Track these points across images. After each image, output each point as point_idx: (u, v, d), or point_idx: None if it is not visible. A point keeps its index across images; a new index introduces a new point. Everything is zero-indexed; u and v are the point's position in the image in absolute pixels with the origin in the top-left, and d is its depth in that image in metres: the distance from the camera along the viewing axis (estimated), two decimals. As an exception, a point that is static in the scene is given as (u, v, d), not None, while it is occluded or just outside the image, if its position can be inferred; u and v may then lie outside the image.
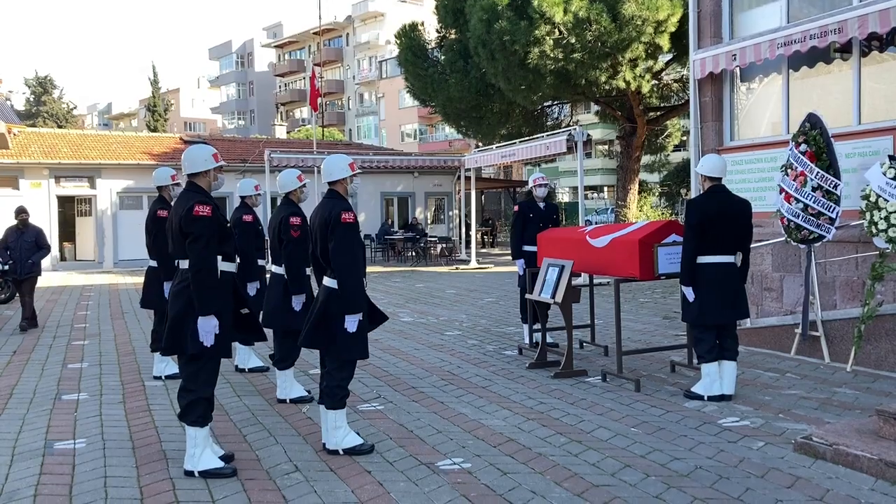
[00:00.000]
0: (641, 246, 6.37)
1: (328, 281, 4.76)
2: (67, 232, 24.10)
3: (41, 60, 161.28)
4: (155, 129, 56.44)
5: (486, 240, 31.24)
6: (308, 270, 5.99)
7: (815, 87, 8.23)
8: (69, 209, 24.17)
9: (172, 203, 6.51)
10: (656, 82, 22.14)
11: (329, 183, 4.89)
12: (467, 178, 22.72)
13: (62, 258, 23.48)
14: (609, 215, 26.76)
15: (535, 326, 7.83)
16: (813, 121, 7.06)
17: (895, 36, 7.19)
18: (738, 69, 8.76)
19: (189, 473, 4.42)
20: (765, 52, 7.97)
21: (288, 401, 6.17)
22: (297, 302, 6.00)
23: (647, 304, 12.22)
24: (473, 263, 21.30)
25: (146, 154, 24.61)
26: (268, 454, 4.84)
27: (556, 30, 17.99)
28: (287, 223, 5.98)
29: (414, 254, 23.75)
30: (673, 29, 18.09)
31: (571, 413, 5.70)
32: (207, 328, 4.30)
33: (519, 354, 8.08)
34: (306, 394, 6.24)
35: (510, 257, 9.28)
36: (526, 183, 25.06)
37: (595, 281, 8.40)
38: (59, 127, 50.67)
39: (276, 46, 73.01)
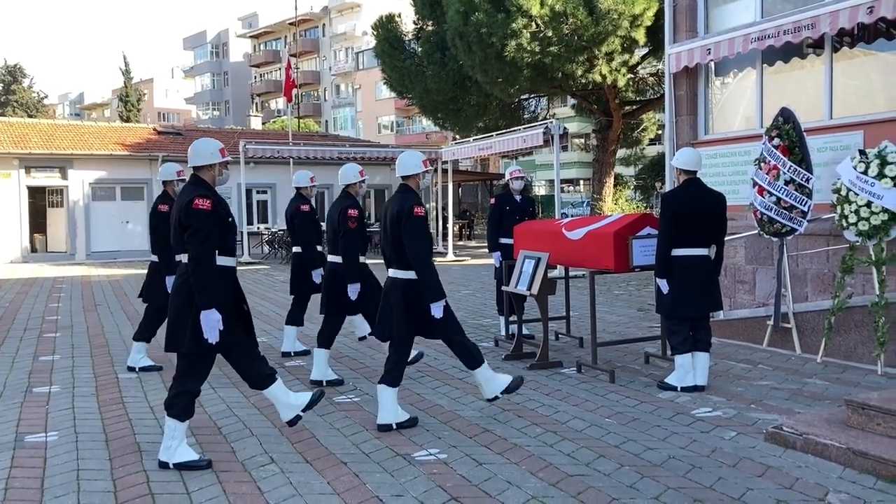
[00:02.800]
0: (616, 238, 6.41)
1: (394, 272, 5.14)
2: (38, 223, 23.71)
3: (10, 48, 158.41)
4: (128, 120, 55.75)
5: (462, 232, 31.26)
6: (363, 259, 6.46)
7: (789, 81, 8.33)
8: (40, 200, 23.80)
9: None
10: (632, 76, 22.27)
11: (402, 177, 5.29)
12: (444, 171, 22.71)
13: (33, 250, 23.13)
14: (584, 208, 26.79)
15: (511, 318, 7.87)
16: (786, 115, 7.14)
17: (865, 32, 7.30)
18: (712, 63, 8.83)
19: (163, 465, 4.39)
20: (738, 47, 8.04)
21: (324, 383, 6.40)
22: (353, 290, 6.33)
23: (621, 296, 12.32)
24: (450, 256, 21.32)
25: (119, 145, 24.30)
26: (243, 446, 4.82)
27: (533, 23, 18.03)
28: (346, 215, 6.33)
29: (391, 246, 23.65)
30: (649, 23, 18.21)
31: (546, 404, 5.74)
32: (210, 323, 4.24)
33: (495, 346, 8.10)
34: (337, 377, 6.55)
35: (487, 250, 9.30)
36: (503, 176, 25.07)
37: (570, 273, 8.44)
38: (30, 116, 49.87)
39: (251, 37, 72.33)
